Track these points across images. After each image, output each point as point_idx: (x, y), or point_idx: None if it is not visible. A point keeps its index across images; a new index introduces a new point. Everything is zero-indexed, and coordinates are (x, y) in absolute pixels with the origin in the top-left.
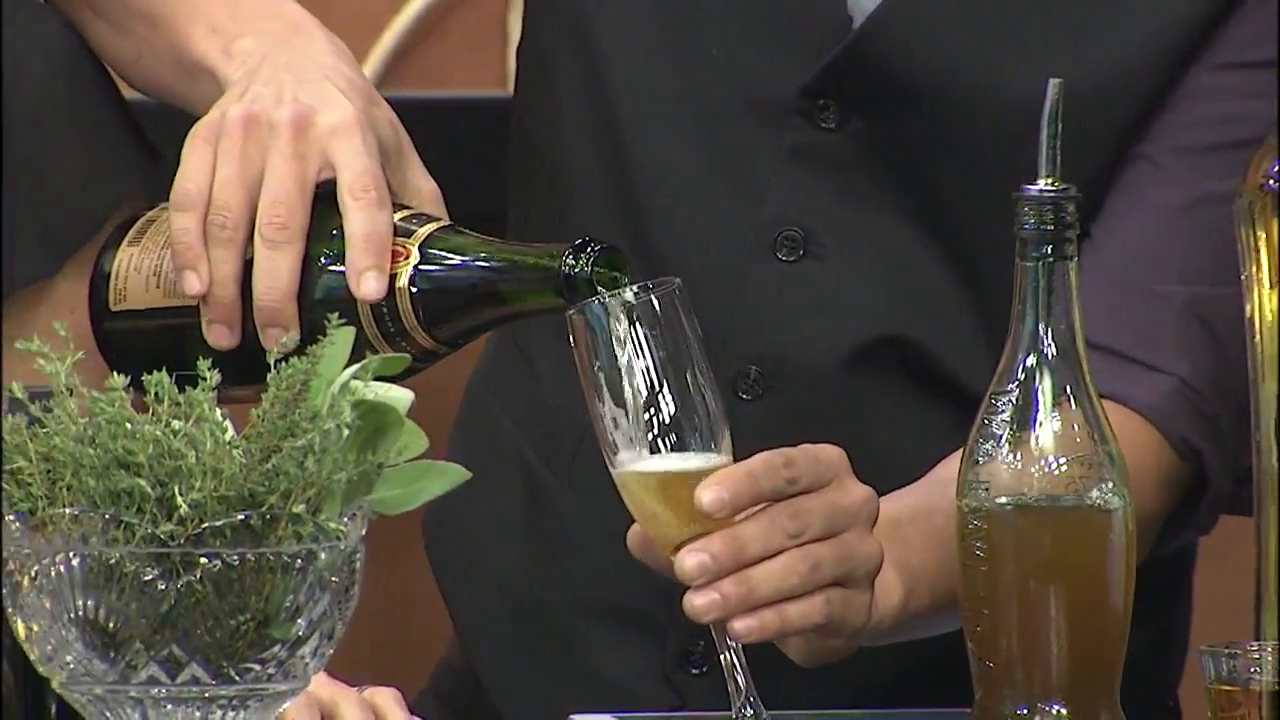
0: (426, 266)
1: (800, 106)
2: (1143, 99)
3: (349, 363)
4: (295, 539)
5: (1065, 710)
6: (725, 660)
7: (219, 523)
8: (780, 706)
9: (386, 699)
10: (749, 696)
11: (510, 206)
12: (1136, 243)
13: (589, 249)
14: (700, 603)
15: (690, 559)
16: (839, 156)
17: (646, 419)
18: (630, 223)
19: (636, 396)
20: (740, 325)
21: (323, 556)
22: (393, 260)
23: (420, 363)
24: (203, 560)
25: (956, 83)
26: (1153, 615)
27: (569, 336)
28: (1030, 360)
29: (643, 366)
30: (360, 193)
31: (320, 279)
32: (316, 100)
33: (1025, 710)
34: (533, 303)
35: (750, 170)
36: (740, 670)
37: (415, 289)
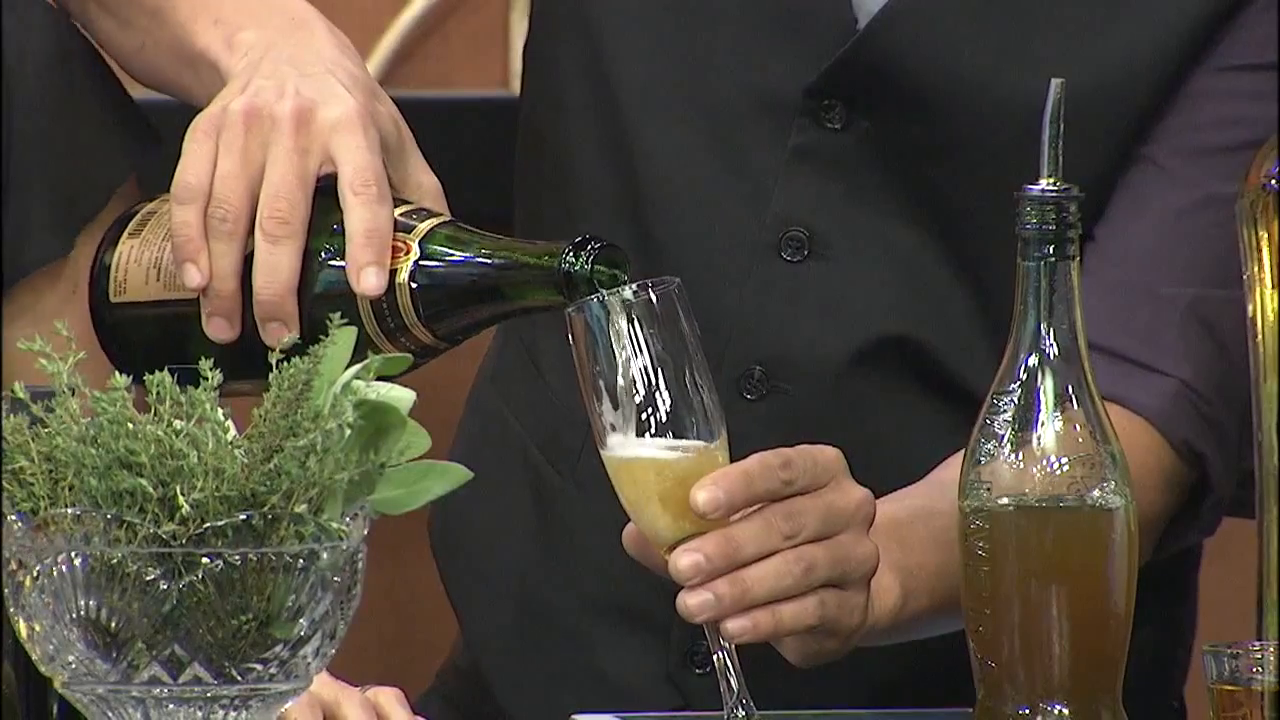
0: (427, 262)
1: (805, 107)
2: (1146, 100)
3: (349, 360)
4: (297, 539)
5: (1067, 710)
6: (718, 661)
7: (221, 522)
8: (780, 706)
9: (389, 699)
10: (741, 698)
11: (516, 206)
12: (1140, 245)
13: (589, 247)
14: (694, 603)
15: (684, 559)
16: (844, 157)
17: (644, 418)
18: (636, 222)
19: (634, 394)
20: (744, 325)
21: (325, 556)
22: (393, 256)
23: (420, 358)
24: (205, 560)
25: (961, 84)
26: (1158, 616)
27: (568, 334)
28: (1032, 360)
29: (641, 365)
30: (361, 188)
31: (320, 274)
32: (318, 94)
33: (1027, 710)
34: (532, 300)
35: (756, 170)
36: (733, 671)
37: (415, 284)
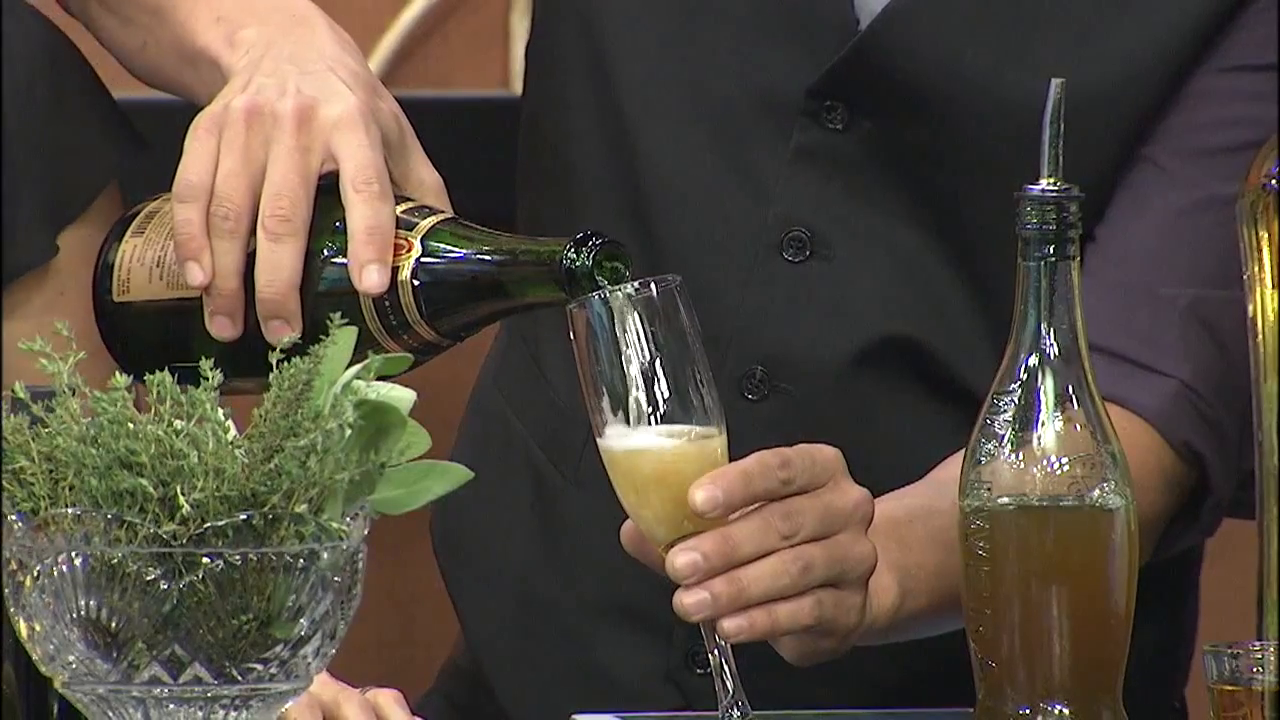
0: (429, 259)
1: (807, 107)
2: (1147, 101)
3: (350, 359)
4: (297, 539)
5: (1067, 710)
6: (713, 660)
7: (221, 522)
8: (779, 706)
9: (388, 700)
10: (737, 698)
11: (518, 204)
12: (1140, 245)
13: (590, 243)
14: (690, 602)
15: (681, 558)
16: (846, 157)
17: (644, 413)
18: (638, 221)
19: (635, 390)
20: (746, 325)
21: (325, 556)
22: (395, 253)
23: (422, 356)
24: (205, 560)
25: (963, 84)
26: (1159, 616)
27: (569, 330)
28: (1032, 360)
29: (642, 360)
30: (363, 185)
31: (322, 271)
32: (319, 92)
33: (1027, 710)
34: (534, 296)
35: (757, 170)
36: (728, 671)
37: (417, 282)
